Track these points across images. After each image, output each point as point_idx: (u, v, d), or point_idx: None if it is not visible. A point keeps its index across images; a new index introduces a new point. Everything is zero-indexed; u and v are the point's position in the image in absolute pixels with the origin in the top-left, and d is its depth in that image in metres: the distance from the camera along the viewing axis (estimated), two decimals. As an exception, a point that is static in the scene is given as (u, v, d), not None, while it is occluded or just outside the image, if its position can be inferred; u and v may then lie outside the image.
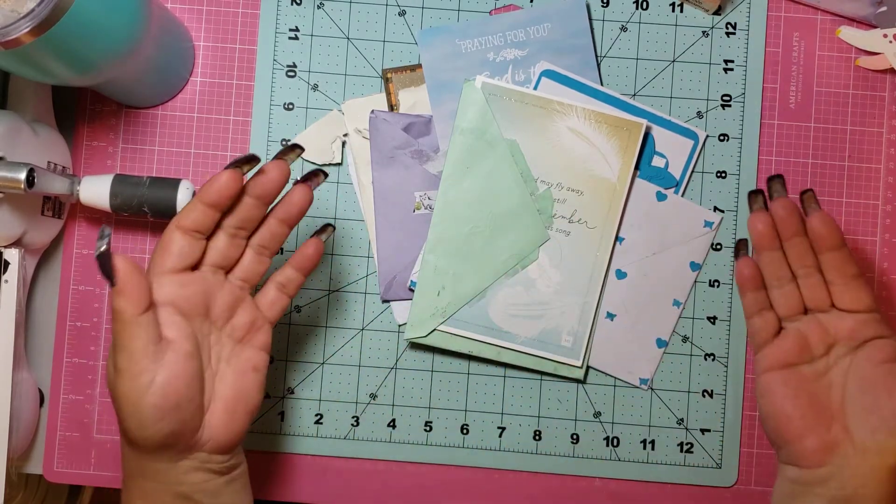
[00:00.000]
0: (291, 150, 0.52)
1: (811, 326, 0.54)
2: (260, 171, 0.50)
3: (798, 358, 0.53)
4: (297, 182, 0.53)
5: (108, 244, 0.46)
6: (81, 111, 0.65)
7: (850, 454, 0.51)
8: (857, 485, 0.51)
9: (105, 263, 0.45)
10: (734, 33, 0.65)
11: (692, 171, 0.64)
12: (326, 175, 0.54)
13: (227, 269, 0.52)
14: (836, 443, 0.51)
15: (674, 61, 0.65)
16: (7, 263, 0.59)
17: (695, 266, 0.64)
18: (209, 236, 0.50)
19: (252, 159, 0.50)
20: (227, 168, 0.49)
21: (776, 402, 0.53)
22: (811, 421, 0.52)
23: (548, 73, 0.63)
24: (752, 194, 0.55)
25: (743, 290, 0.55)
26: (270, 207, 0.52)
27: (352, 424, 0.64)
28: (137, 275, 0.46)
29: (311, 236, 0.55)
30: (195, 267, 0.50)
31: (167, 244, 0.49)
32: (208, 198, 0.49)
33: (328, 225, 0.56)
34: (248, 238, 0.52)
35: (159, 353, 0.47)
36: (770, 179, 0.55)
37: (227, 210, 0.50)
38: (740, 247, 0.56)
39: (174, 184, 0.60)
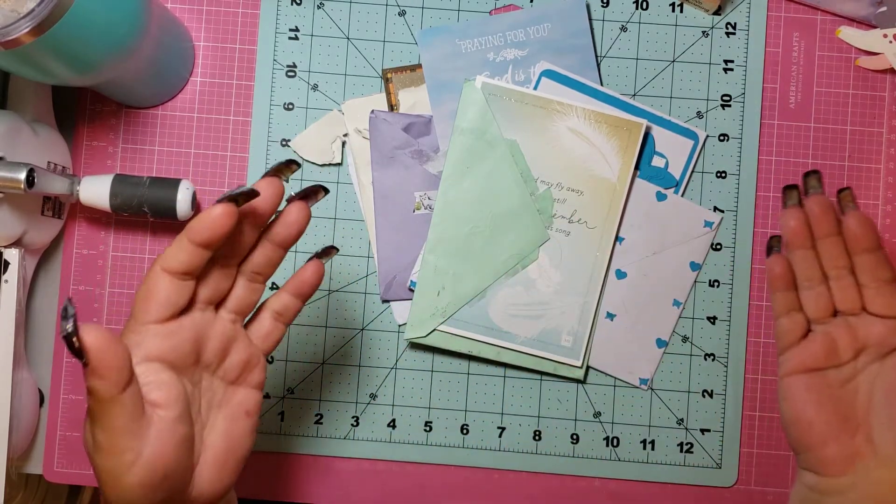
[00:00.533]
0: (287, 166, 0.46)
1: (840, 330, 0.52)
2: (250, 191, 0.43)
3: (825, 362, 0.51)
4: (292, 198, 0.47)
5: (75, 323, 0.38)
6: (81, 111, 0.65)
7: (871, 466, 0.49)
8: (877, 498, 0.49)
9: (72, 344, 0.38)
10: (734, 33, 0.65)
11: (692, 171, 0.64)
12: (327, 191, 0.48)
13: (218, 303, 0.46)
14: (859, 453, 0.50)
15: (674, 61, 0.65)
16: (7, 263, 0.59)
17: (695, 266, 0.64)
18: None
19: (251, 195, 0.43)
20: (220, 201, 0.42)
21: (798, 407, 0.51)
22: (834, 428, 0.50)
23: (548, 73, 0.63)
24: (787, 189, 0.53)
25: (773, 288, 0.53)
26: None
27: (352, 424, 0.64)
28: (113, 350, 0.39)
29: (311, 258, 0.49)
30: (184, 310, 0.44)
31: (153, 291, 0.42)
32: (199, 236, 0.42)
33: (331, 247, 0.50)
34: (239, 264, 0.46)
35: (144, 427, 0.41)
36: (806, 175, 0.52)
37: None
38: (772, 243, 0.54)
39: (174, 184, 0.60)
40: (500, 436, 0.64)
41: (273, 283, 0.64)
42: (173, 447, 0.42)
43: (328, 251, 0.50)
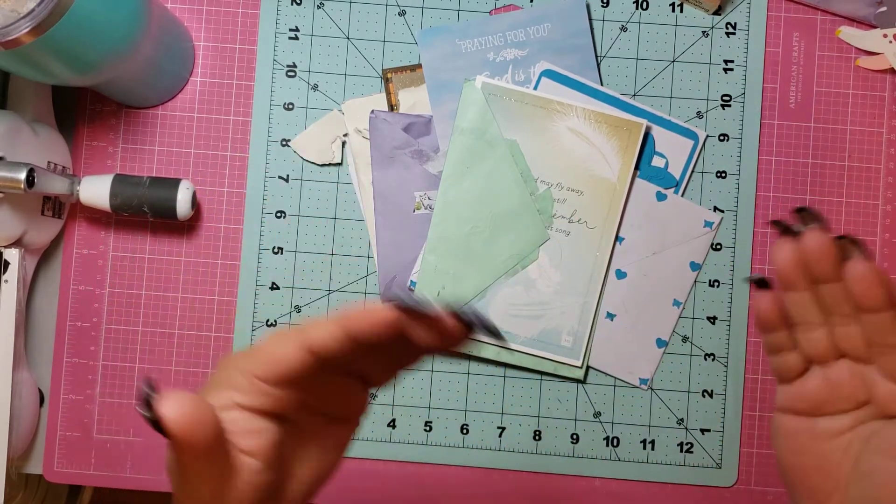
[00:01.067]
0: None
1: (843, 374, 0.44)
2: (426, 312, 0.37)
3: (819, 408, 0.45)
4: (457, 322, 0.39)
5: (149, 405, 0.35)
6: (81, 111, 0.65)
7: None
8: None
9: (152, 420, 0.35)
10: (734, 33, 0.65)
11: (692, 171, 0.64)
12: (502, 334, 0.40)
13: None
14: None
15: (674, 61, 0.65)
16: (7, 263, 0.59)
17: (695, 266, 0.64)
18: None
19: (424, 314, 0.37)
20: (392, 307, 0.37)
21: (787, 453, 0.46)
22: (815, 483, 0.44)
23: (548, 73, 0.63)
24: (775, 224, 0.44)
25: (761, 330, 0.45)
26: None
27: (352, 424, 0.64)
28: (196, 421, 0.35)
29: (466, 321, 0.40)
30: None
31: (282, 357, 0.37)
32: (358, 330, 0.36)
33: (497, 330, 0.40)
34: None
35: (229, 476, 0.37)
36: (799, 211, 0.43)
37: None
38: (755, 280, 0.45)
39: (174, 184, 0.60)
40: (500, 436, 0.64)
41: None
42: (258, 494, 0.39)
43: (493, 330, 0.42)
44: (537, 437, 0.64)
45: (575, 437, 0.64)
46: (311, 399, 0.40)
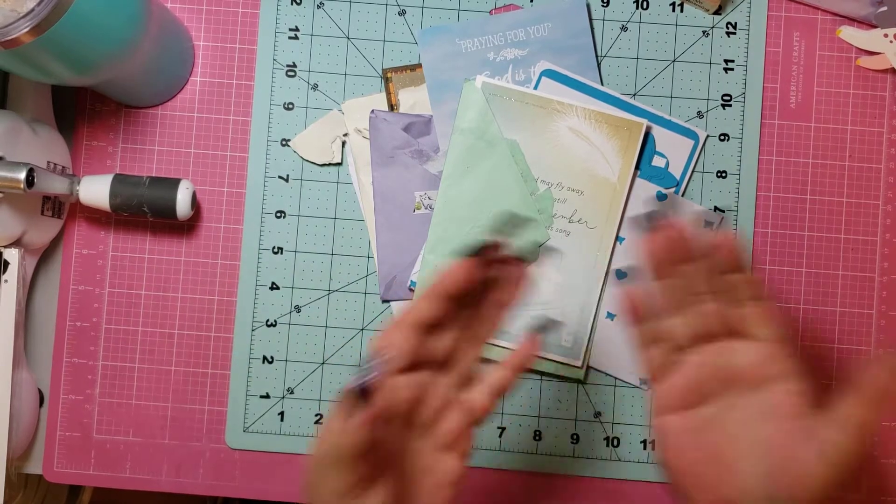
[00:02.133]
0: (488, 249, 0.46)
1: (707, 359, 0.47)
2: (489, 245, 0.45)
3: (692, 399, 0.47)
4: (505, 259, 0.47)
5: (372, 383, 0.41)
6: (81, 111, 0.65)
7: None
8: None
9: (362, 392, 0.41)
10: (734, 33, 0.65)
11: (692, 171, 0.64)
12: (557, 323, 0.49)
13: (442, 366, 0.47)
14: (735, 501, 0.45)
15: (674, 61, 0.65)
16: (7, 263, 0.59)
17: (695, 266, 0.64)
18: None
19: (492, 247, 0.45)
20: (466, 257, 0.45)
21: (672, 454, 0.47)
22: (708, 476, 0.46)
23: (548, 73, 0.63)
24: (634, 220, 0.49)
25: (630, 322, 0.49)
26: None
27: (352, 424, 0.64)
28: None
29: (530, 331, 0.50)
30: (412, 368, 0.45)
31: (390, 341, 0.44)
32: (447, 287, 0.44)
33: (552, 321, 0.51)
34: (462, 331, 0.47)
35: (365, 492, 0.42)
36: (648, 216, 0.48)
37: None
38: (618, 274, 0.51)
39: (174, 184, 0.60)
40: (500, 436, 0.64)
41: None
42: None
43: (548, 325, 0.51)
44: (537, 437, 0.64)
45: (575, 437, 0.64)
46: (423, 413, 0.46)
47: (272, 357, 0.64)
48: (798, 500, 0.44)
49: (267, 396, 0.64)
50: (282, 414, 0.64)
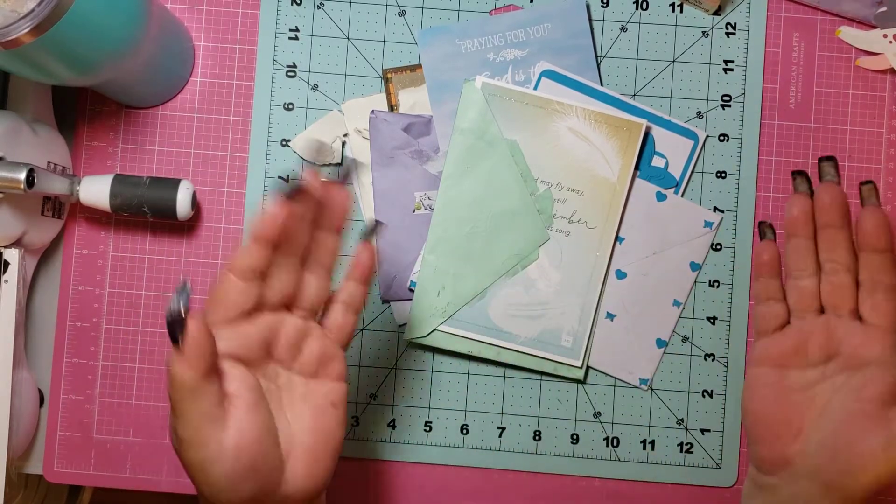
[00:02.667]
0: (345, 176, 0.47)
1: (817, 328, 0.50)
2: (300, 186, 0.45)
3: (791, 360, 0.50)
4: (330, 182, 0.47)
5: (186, 304, 0.40)
6: (81, 111, 0.65)
7: (800, 475, 0.49)
8: None
9: (175, 325, 0.40)
10: (734, 33, 0.65)
11: (692, 172, 0.64)
12: (359, 162, 0.49)
13: (289, 305, 0.47)
14: (792, 460, 0.49)
15: (674, 61, 0.65)
16: (7, 263, 0.59)
17: (695, 266, 0.64)
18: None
19: (301, 191, 0.45)
20: (276, 199, 0.44)
21: (754, 401, 0.51)
22: (777, 430, 0.50)
23: (548, 73, 0.63)
24: (796, 175, 0.51)
25: (757, 274, 0.52)
26: None
27: (352, 424, 0.64)
28: (207, 340, 0.41)
29: (361, 240, 0.50)
30: (252, 312, 0.45)
31: (220, 294, 0.44)
32: (263, 233, 0.44)
33: (377, 223, 0.51)
34: (302, 263, 0.47)
35: (223, 416, 0.42)
36: (821, 160, 0.50)
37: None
38: (764, 229, 0.53)
39: (174, 184, 0.60)
40: (500, 436, 0.64)
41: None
42: (254, 434, 0.43)
43: (375, 227, 0.51)
44: (537, 437, 0.64)
45: (575, 437, 0.64)
46: (280, 350, 0.46)
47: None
48: (844, 485, 0.46)
49: (267, 396, 0.64)
50: (282, 414, 0.64)
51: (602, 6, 0.65)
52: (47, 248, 0.64)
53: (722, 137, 0.64)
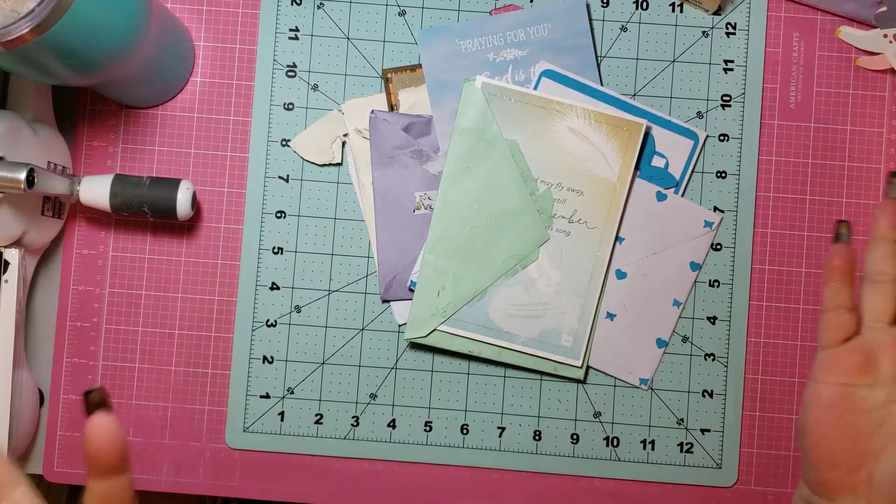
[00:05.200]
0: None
1: (888, 342, 0.45)
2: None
3: (858, 378, 0.45)
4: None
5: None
6: (81, 111, 0.65)
7: (860, 501, 0.45)
8: None
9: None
10: (734, 33, 0.65)
11: (692, 171, 0.64)
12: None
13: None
14: (856, 488, 0.45)
15: (674, 61, 0.65)
16: (7, 263, 0.59)
17: (695, 266, 0.64)
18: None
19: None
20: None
21: (813, 421, 0.46)
22: (839, 455, 0.45)
23: (548, 73, 0.63)
24: (894, 177, 0.47)
25: (827, 279, 0.47)
26: None
27: (352, 424, 0.64)
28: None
29: (86, 413, 0.38)
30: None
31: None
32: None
33: (102, 389, 0.38)
34: None
35: None
36: (893, 174, 0.47)
37: None
38: (841, 230, 0.48)
39: (174, 184, 0.60)
40: (500, 436, 0.64)
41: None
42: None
43: (100, 398, 0.38)
44: (537, 437, 0.64)
45: (575, 437, 0.64)
46: None
47: (272, 357, 0.64)
48: None
49: (267, 396, 0.64)
50: (282, 414, 0.64)
51: (602, 6, 0.65)
52: (47, 248, 0.64)
53: (722, 137, 0.64)
